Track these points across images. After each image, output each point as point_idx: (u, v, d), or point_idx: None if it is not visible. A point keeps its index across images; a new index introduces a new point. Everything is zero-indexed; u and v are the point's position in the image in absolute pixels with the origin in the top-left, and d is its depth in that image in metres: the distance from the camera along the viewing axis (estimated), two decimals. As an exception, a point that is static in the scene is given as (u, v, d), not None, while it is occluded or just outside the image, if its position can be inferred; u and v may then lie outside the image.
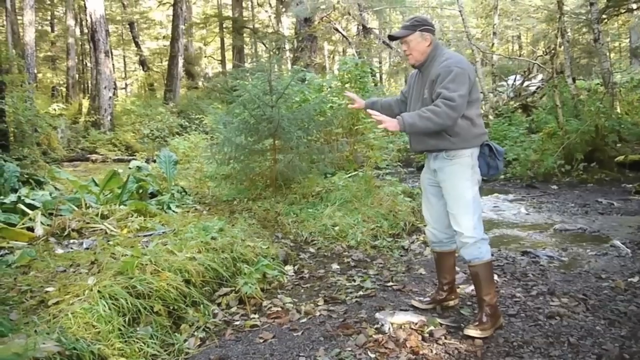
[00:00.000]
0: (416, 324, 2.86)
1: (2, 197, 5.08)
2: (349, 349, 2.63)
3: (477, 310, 2.94)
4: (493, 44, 16.99)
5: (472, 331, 2.75)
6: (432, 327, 2.82)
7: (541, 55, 14.52)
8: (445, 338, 2.73)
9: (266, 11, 28.32)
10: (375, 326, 2.88)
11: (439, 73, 2.74)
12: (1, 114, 9.29)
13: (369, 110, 2.98)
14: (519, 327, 2.87)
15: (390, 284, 3.75)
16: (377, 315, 2.99)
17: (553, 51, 11.13)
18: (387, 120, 2.75)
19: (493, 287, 2.88)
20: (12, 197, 4.90)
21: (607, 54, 11.86)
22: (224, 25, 26.12)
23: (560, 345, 2.64)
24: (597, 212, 6.34)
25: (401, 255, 4.60)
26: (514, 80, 14.95)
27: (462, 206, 2.80)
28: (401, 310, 3.12)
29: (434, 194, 3.03)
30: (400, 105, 3.21)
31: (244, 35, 25.55)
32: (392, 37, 3.08)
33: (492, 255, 2.95)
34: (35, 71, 19.00)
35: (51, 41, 28.37)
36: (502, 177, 9.61)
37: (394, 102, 3.26)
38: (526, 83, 14.57)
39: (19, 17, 19.57)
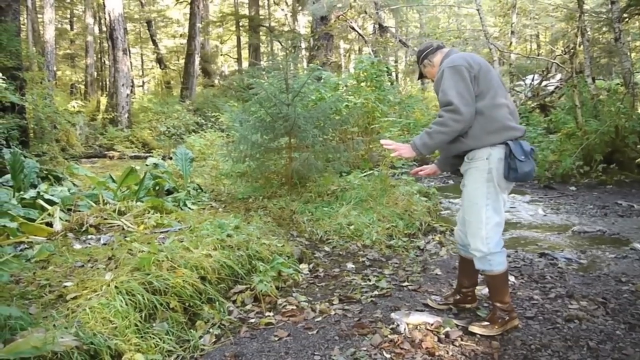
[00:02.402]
0: (432, 324, 2.84)
1: (21, 192, 5.16)
2: (364, 348, 2.62)
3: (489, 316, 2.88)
4: (511, 43, 16.79)
5: (476, 328, 2.76)
6: (448, 328, 2.80)
7: (560, 55, 14.32)
8: (462, 339, 2.70)
9: (282, 9, 28.36)
10: (391, 326, 2.86)
11: (436, 81, 2.76)
12: (21, 110, 9.43)
13: (382, 141, 2.93)
14: (537, 330, 2.83)
15: (406, 284, 3.73)
16: (393, 315, 2.98)
17: (572, 50, 10.97)
18: (400, 148, 2.74)
19: (505, 294, 2.81)
20: (32, 193, 4.98)
21: (628, 53, 11.63)
22: (241, 24, 26.21)
23: (579, 349, 2.60)
24: (616, 214, 6.23)
25: (417, 255, 4.57)
26: (532, 80, 14.76)
27: (473, 213, 2.72)
28: (417, 310, 3.10)
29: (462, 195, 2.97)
30: None
31: (260, 33, 25.61)
32: (420, 78, 3.19)
33: (507, 263, 2.83)
34: (55, 69, 19.29)
35: (70, 39, 28.75)
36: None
37: None
38: (544, 83, 14.38)
39: (39, 16, 19.90)
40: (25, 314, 2.49)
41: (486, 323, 2.78)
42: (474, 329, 2.76)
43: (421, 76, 3.10)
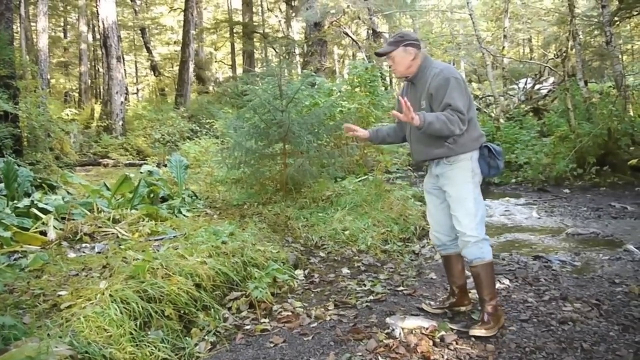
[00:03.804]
0: (427, 328, 2.84)
1: (15, 201, 5.14)
2: (360, 353, 2.62)
3: (483, 316, 2.89)
4: (504, 47, 16.89)
5: (477, 331, 2.79)
6: (443, 332, 2.81)
7: (552, 58, 14.42)
8: (457, 343, 2.71)
9: (276, 16, 28.44)
10: (386, 331, 2.87)
11: (439, 84, 2.81)
12: (15, 119, 9.41)
13: (345, 124, 3.24)
14: (531, 332, 2.84)
15: (401, 288, 3.74)
16: (388, 320, 2.98)
17: (564, 54, 11.05)
18: (410, 114, 2.69)
19: (494, 287, 2.94)
20: (26, 202, 4.96)
21: (620, 56, 11.76)
22: (235, 30, 26.25)
23: (573, 351, 2.61)
24: (610, 216, 6.27)
25: (412, 260, 4.58)
26: (525, 84, 14.86)
27: (464, 208, 2.87)
28: (412, 315, 3.10)
29: (437, 196, 3.09)
30: (402, 128, 3.21)
31: (254, 40, 25.66)
32: (378, 54, 3.12)
33: (496, 256, 3.02)
34: (49, 77, 19.25)
35: (64, 47, 28.73)
36: (514, 180, 9.56)
37: (397, 127, 3.27)
38: (537, 86, 14.48)
39: (32, 24, 19.89)
40: (19, 324, 2.48)
41: (481, 323, 2.84)
42: (475, 332, 2.79)
43: (380, 55, 3.06)
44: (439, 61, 3.05)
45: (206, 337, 2.93)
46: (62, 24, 29.53)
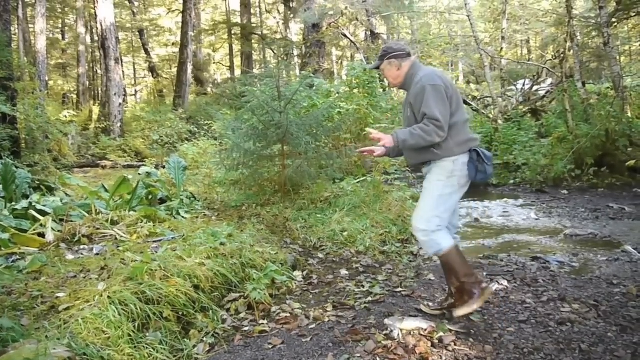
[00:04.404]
0: (425, 330, 2.85)
1: (13, 203, 5.13)
2: (358, 355, 2.63)
3: (461, 296, 2.96)
4: (502, 49, 16.93)
5: (461, 310, 2.89)
6: (441, 333, 2.81)
7: (550, 60, 14.42)
8: (455, 344, 2.71)
9: (274, 17, 28.47)
10: (385, 332, 2.87)
11: (416, 93, 2.93)
12: (13, 120, 9.41)
13: (368, 129, 3.21)
14: (530, 333, 2.85)
15: (399, 289, 3.74)
16: (386, 321, 2.98)
17: (562, 55, 11.05)
18: (384, 137, 2.98)
19: (465, 267, 2.96)
20: (24, 203, 4.95)
21: (617, 57, 11.79)
22: (233, 32, 26.26)
23: (571, 352, 2.61)
24: (608, 217, 6.28)
25: (410, 261, 4.58)
26: (523, 85, 14.87)
27: (425, 200, 3.01)
28: (410, 316, 3.10)
29: None
30: None
31: (253, 41, 25.66)
32: (373, 67, 3.31)
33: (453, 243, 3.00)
34: (47, 78, 19.23)
35: (62, 49, 28.71)
36: (512, 181, 9.57)
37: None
38: (535, 87, 14.48)
39: (30, 26, 19.86)
40: (17, 326, 2.47)
41: (461, 303, 2.92)
42: (458, 312, 2.90)
43: (377, 67, 3.22)
44: (426, 68, 3.10)
45: (205, 339, 2.93)
46: (60, 25, 29.50)
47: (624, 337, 2.76)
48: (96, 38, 24.60)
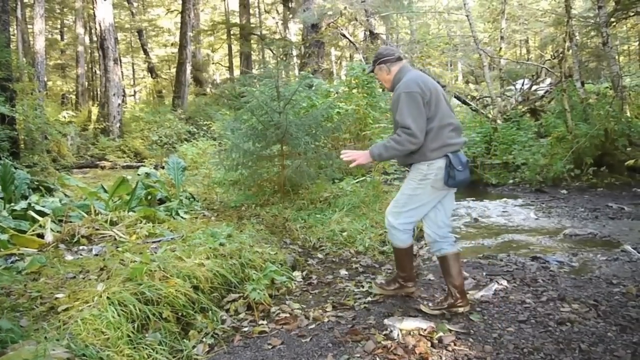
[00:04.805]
0: (425, 330, 2.85)
1: (12, 204, 5.12)
2: (358, 355, 2.62)
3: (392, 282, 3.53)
4: (501, 48, 16.92)
5: (375, 288, 3.55)
6: (441, 334, 2.81)
7: (549, 59, 14.42)
8: (455, 344, 2.71)
9: (273, 18, 28.46)
10: (384, 332, 2.87)
11: (393, 101, 3.09)
12: (12, 121, 9.40)
13: (343, 152, 3.25)
14: (529, 333, 2.84)
15: (399, 289, 3.73)
16: (386, 321, 2.98)
17: (561, 55, 11.06)
18: (358, 156, 3.16)
19: (405, 266, 3.40)
20: (23, 204, 4.94)
21: (616, 57, 11.79)
22: (232, 32, 26.24)
23: (571, 352, 2.61)
24: (607, 217, 6.28)
25: (410, 261, 4.57)
26: (522, 85, 14.87)
27: (398, 196, 3.24)
28: (410, 316, 3.10)
29: None
30: None
31: (252, 41, 25.66)
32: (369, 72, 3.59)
33: (415, 245, 3.54)
34: (45, 79, 19.21)
35: (61, 49, 28.68)
36: (511, 181, 9.57)
37: None
38: (534, 87, 14.49)
39: (29, 26, 19.84)
40: (16, 327, 2.47)
41: (385, 284, 3.55)
42: (375, 289, 3.54)
43: (371, 71, 3.44)
44: (410, 73, 3.18)
45: (204, 339, 2.93)
46: (59, 26, 29.47)
47: (624, 337, 2.76)
48: (95, 38, 24.59)
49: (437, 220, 3.19)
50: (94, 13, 19.41)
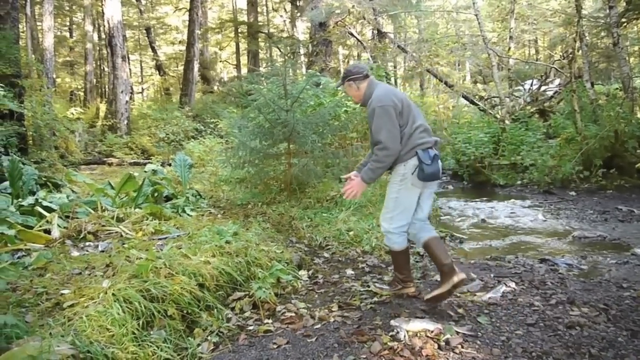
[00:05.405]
0: (432, 331, 2.81)
1: (20, 199, 5.14)
2: (364, 356, 2.60)
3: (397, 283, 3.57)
4: (509, 48, 16.82)
5: (374, 287, 3.67)
6: (448, 335, 2.77)
7: (559, 60, 14.33)
8: (462, 347, 2.68)
9: (281, 16, 28.43)
10: (391, 333, 2.84)
11: (368, 116, 3.34)
12: (20, 117, 9.43)
13: (343, 191, 3.48)
14: (538, 336, 2.80)
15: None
16: (392, 322, 2.95)
17: (571, 55, 10.96)
18: (357, 188, 3.37)
19: (402, 268, 3.50)
20: (30, 200, 4.95)
21: (627, 58, 11.67)
22: (239, 30, 26.24)
23: (580, 356, 2.57)
24: (617, 220, 6.21)
25: (416, 261, 4.54)
26: (531, 85, 14.78)
27: (385, 201, 3.44)
28: (417, 317, 3.07)
29: None
30: None
31: (259, 39, 25.64)
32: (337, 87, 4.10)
33: (407, 246, 3.49)
34: (54, 76, 19.29)
35: (70, 46, 28.79)
36: (519, 182, 9.50)
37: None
38: (543, 88, 14.39)
39: (38, 23, 19.93)
40: (21, 322, 2.46)
41: (386, 286, 3.63)
42: (374, 287, 3.64)
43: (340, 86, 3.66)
44: (380, 87, 3.40)
45: (209, 338, 2.91)
46: (67, 23, 29.60)
47: (635, 342, 2.71)
48: (103, 36, 24.67)
49: (414, 219, 3.41)
50: (102, 10, 19.48)
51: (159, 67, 28.61)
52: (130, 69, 23.75)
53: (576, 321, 2.96)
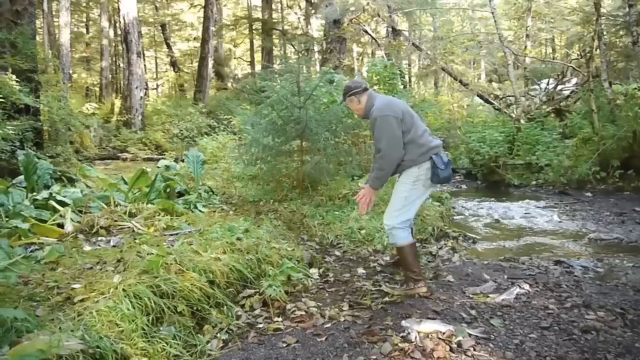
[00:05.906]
0: (444, 333, 2.77)
1: (34, 193, 5.18)
2: (374, 357, 2.56)
3: (407, 282, 3.58)
4: (526, 47, 16.61)
5: (385, 287, 3.63)
6: (460, 337, 2.73)
7: (576, 59, 14.10)
8: (474, 349, 2.63)
9: (295, 13, 28.40)
10: (401, 334, 2.80)
11: (370, 126, 3.55)
12: (36, 112, 9.52)
13: (358, 201, 3.68)
14: (552, 340, 2.75)
15: (417, 290, 3.65)
16: (404, 322, 2.91)
17: (589, 54, 10.77)
18: (369, 196, 3.60)
19: (411, 264, 3.51)
20: (44, 194, 5.00)
21: (647, 57, 11.41)
22: (254, 27, 26.29)
23: (596, 361, 2.51)
24: (634, 222, 6.09)
25: (429, 261, 4.49)
26: (547, 84, 14.57)
27: (393, 199, 3.56)
28: (428, 318, 3.03)
29: None
30: None
31: (273, 36, 25.66)
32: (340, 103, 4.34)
33: (413, 240, 3.57)
34: (70, 71, 19.49)
35: (86, 42, 29.07)
36: (534, 182, 9.37)
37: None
38: (560, 87, 14.18)
39: (55, 19, 20.13)
40: (31, 316, 2.47)
41: (398, 285, 3.66)
42: (385, 287, 3.64)
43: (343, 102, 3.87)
44: (379, 98, 3.60)
45: (218, 335, 2.90)
46: (84, 19, 29.85)
47: (653, 348, 2.65)
48: (119, 32, 24.87)
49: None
50: (118, 7, 19.61)
51: (173, 64, 28.78)
52: (145, 65, 23.93)
53: (592, 325, 2.90)
